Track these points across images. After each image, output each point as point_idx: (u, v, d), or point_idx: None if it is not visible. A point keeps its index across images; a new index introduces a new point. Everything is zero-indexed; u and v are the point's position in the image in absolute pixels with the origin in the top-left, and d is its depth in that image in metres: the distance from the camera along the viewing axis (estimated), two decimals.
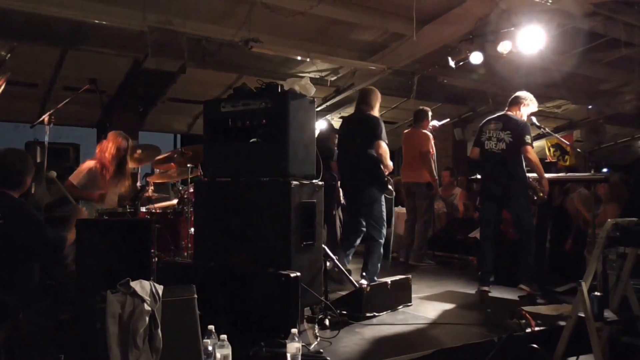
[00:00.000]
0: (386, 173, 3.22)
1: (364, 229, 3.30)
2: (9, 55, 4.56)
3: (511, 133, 3.18)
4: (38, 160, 4.16)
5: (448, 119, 4.49)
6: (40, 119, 3.30)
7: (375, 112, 3.30)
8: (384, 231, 3.26)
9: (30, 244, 2.08)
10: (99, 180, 3.17)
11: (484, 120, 3.44)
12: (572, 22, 4.83)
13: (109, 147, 3.22)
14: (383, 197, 3.23)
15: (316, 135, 4.79)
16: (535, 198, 3.26)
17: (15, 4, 3.96)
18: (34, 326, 2.00)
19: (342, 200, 4.76)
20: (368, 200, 3.19)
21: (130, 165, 3.42)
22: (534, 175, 3.25)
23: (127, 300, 1.74)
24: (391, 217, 3.67)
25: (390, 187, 3.23)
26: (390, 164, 3.22)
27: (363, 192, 3.19)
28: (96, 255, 2.23)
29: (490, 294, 3.20)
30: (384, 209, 3.23)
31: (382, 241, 3.26)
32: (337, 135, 4.77)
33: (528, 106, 3.36)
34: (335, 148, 4.53)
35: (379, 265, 3.26)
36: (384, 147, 3.15)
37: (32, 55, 4.77)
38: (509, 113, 3.35)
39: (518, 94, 3.41)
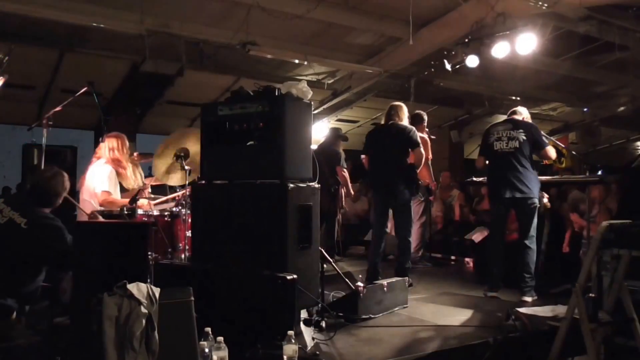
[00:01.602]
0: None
1: (387, 230, 3.59)
2: (6, 57, 4.56)
3: (524, 132, 3.21)
4: (35, 162, 4.16)
5: (434, 137, 4.48)
6: (38, 122, 3.29)
7: (406, 123, 3.57)
8: (413, 231, 3.57)
9: (51, 253, 2.12)
10: (118, 181, 3.16)
11: (489, 126, 3.47)
12: (567, 26, 4.89)
13: (116, 145, 3.19)
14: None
15: (322, 141, 4.86)
16: (539, 205, 3.27)
17: (13, 7, 3.97)
18: (31, 328, 2.01)
19: (344, 205, 4.82)
20: (402, 203, 3.45)
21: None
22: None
23: (123, 303, 1.74)
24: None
25: (420, 191, 3.58)
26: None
27: (398, 196, 3.42)
28: (93, 258, 2.23)
29: (497, 296, 3.19)
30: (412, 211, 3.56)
31: (413, 241, 3.57)
32: (340, 141, 4.85)
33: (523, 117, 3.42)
34: (342, 152, 4.60)
35: (410, 263, 3.53)
36: (423, 153, 3.48)
37: (30, 58, 4.78)
38: (514, 117, 3.38)
39: (517, 108, 3.48)
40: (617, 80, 6.83)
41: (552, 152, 3.28)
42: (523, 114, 3.40)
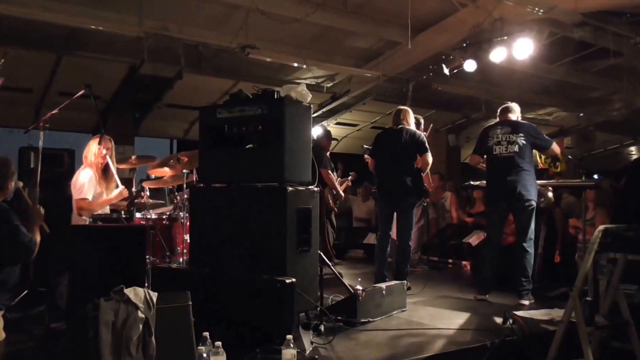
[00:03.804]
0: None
1: (391, 234, 3.60)
2: (3, 60, 4.54)
3: (524, 135, 3.23)
4: (32, 166, 4.13)
5: (431, 124, 4.58)
6: (35, 124, 3.28)
7: (413, 127, 3.60)
8: (412, 235, 3.58)
9: (2, 245, 2.02)
10: (98, 186, 3.12)
11: (485, 127, 3.50)
12: (562, 32, 4.94)
13: (92, 150, 3.15)
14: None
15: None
16: (542, 199, 3.31)
17: (10, 10, 3.95)
18: (27, 334, 1.98)
19: (332, 206, 4.83)
20: (407, 207, 3.46)
21: (125, 167, 3.40)
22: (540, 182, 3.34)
23: (120, 308, 1.73)
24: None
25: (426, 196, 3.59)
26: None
27: (405, 199, 3.45)
28: (90, 262, 2.21)
29: (487, 300, 3.22)
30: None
31: (412, 244, 3.57)
32: (330, 142, 4.89)
33: (517, 115, 3.45)
34: (327, 154, 4.61)
35: (409, 267, 3.55)
36: (431, 159, 3.51)
37: (27, 61, 4.76)
38: (511, 118, 3.39)
39: (509, 104, 3.49)
40: (611, 86, 6.90)
41: (557, 148, 3.34)
42: (516, 111, 3.41)
